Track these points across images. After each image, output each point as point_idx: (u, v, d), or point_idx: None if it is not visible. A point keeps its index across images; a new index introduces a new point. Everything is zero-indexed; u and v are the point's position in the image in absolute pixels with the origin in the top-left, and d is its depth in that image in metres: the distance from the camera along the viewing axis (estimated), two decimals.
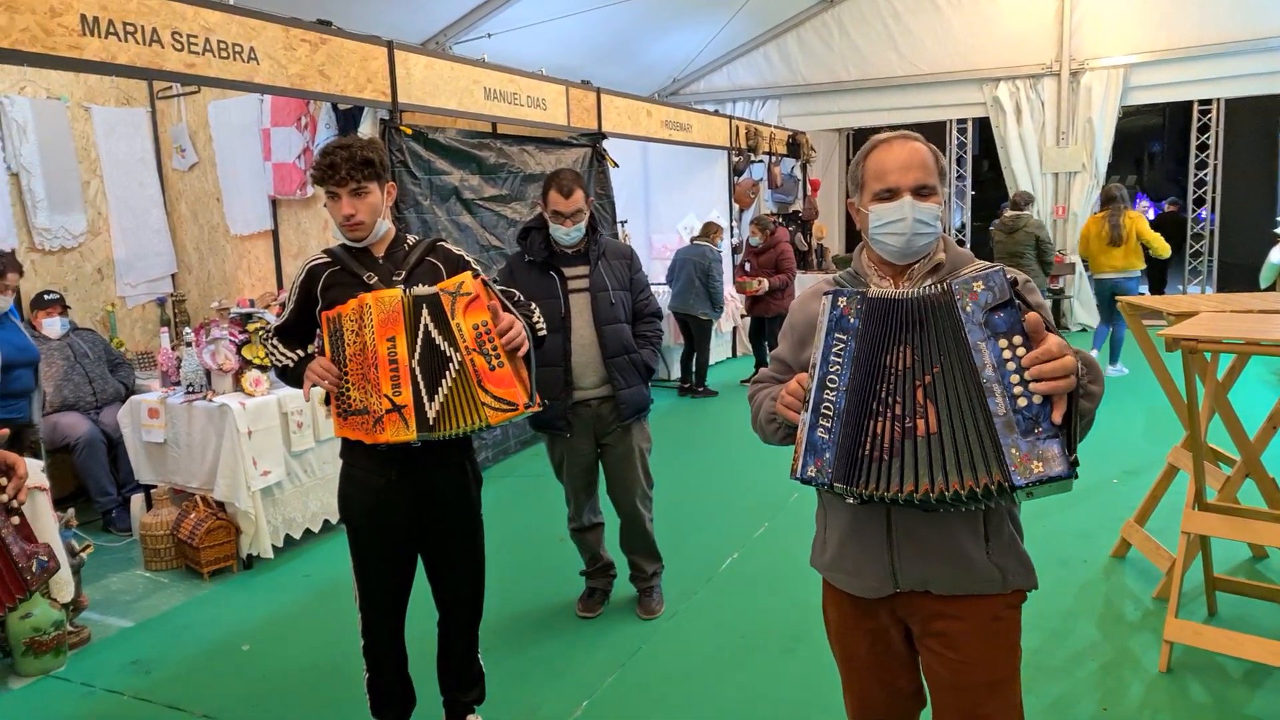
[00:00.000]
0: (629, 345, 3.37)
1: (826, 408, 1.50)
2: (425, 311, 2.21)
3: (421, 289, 2.24)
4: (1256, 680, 2.91)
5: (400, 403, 2.18)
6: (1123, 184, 8.33)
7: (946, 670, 1.66)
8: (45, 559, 1.53)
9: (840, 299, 1.52)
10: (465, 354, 2.19)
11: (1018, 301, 1.39)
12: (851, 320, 1.50)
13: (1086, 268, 8.29)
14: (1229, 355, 3.40)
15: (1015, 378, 1.37)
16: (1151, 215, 12.04)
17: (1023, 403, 1.37)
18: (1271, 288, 9.33)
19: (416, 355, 2.20)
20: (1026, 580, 1.67)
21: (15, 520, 1.50)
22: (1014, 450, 1.36)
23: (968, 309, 1.41)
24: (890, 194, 1.62)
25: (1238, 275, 10.11)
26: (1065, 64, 10.34)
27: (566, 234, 3.26)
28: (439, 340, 2.20)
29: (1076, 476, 1.36)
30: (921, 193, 1.61)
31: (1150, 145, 19.50)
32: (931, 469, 1.42)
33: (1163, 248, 7.50)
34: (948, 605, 1.64)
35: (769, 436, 1.77)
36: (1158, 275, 10.26)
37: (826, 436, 1.49)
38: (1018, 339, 1.38)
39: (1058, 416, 1.35)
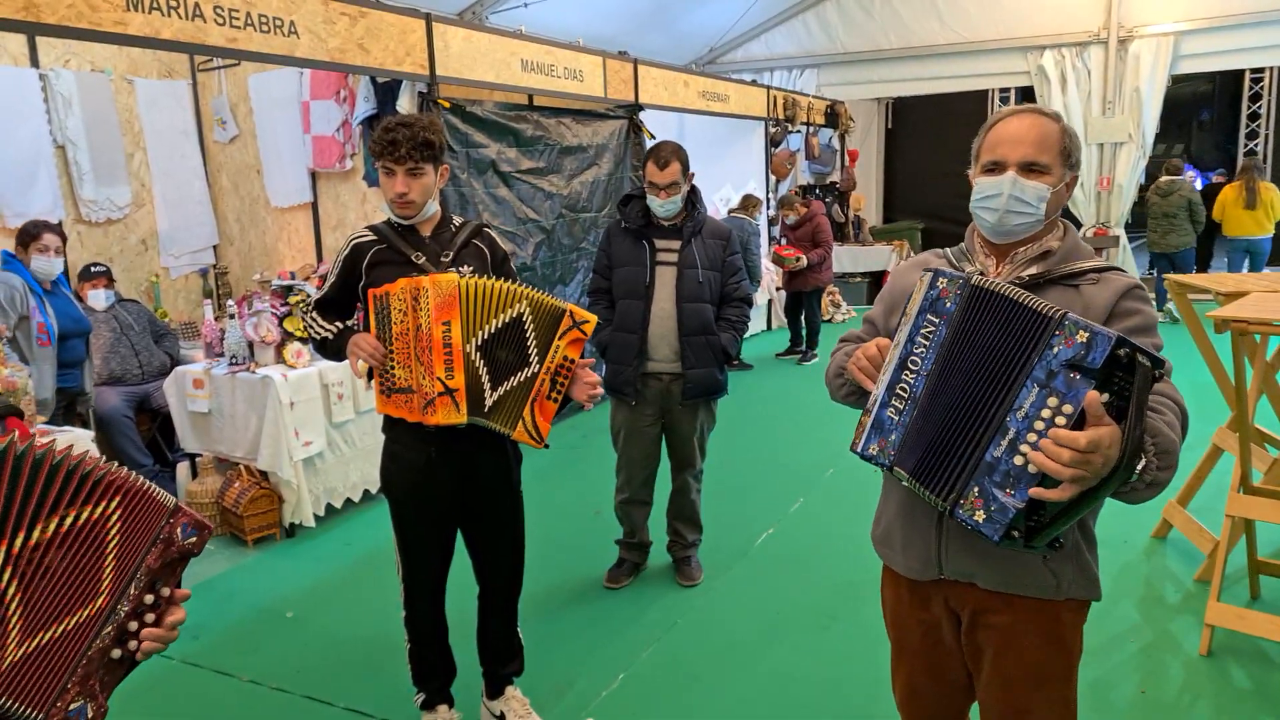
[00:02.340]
0: (708, 326, 3.37)
1: (902, 389, 1.45)
2: (538, 315, 2.28)
3: (555, 302, 2.31)
4: None
5: (453, 386, 2.23)
6: (1170, 154, 8.46)
7: (991, 663, 1.64)
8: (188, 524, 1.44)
9: (941, 279, 1.45)
10: (544, 372, 2.29)
11: (1098, 377, 1.27)
12: (948, 304, 1.43)
13: (1220, 230, 9.00)
14: (1279, 337, 3.32)
15: (1033, 437, 1.30)
16: (1200, 186, 11.69)
17: (1019, 461, 1.31)
18: None
19: (477, 341, 2.25)
20: (1086, 590, 1.59)
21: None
22: (976, 489, 1.34)
23: (1054, 349, 1.30)
24: (996, 167, 1.56)
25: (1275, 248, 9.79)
26: (1114, 31, 10.03)
27: (661, 205, 3.29)
28: (531, 345, 2.28)
29: (1001, 546, 1.33)
30: (1031, 169, 1.52)
31: (1199, 114, 18.92)
32: (914, 448, 1.42)
33: None
34: (997, 600, 1.60)
35: (835, 392, 1.75)
36: (1205, 250, 10.00)
37: (896, 418, 1.45)
38: (1068, 408, 1.28)
39: (1037, 492, 1.29)
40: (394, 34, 4.71)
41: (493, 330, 2.26)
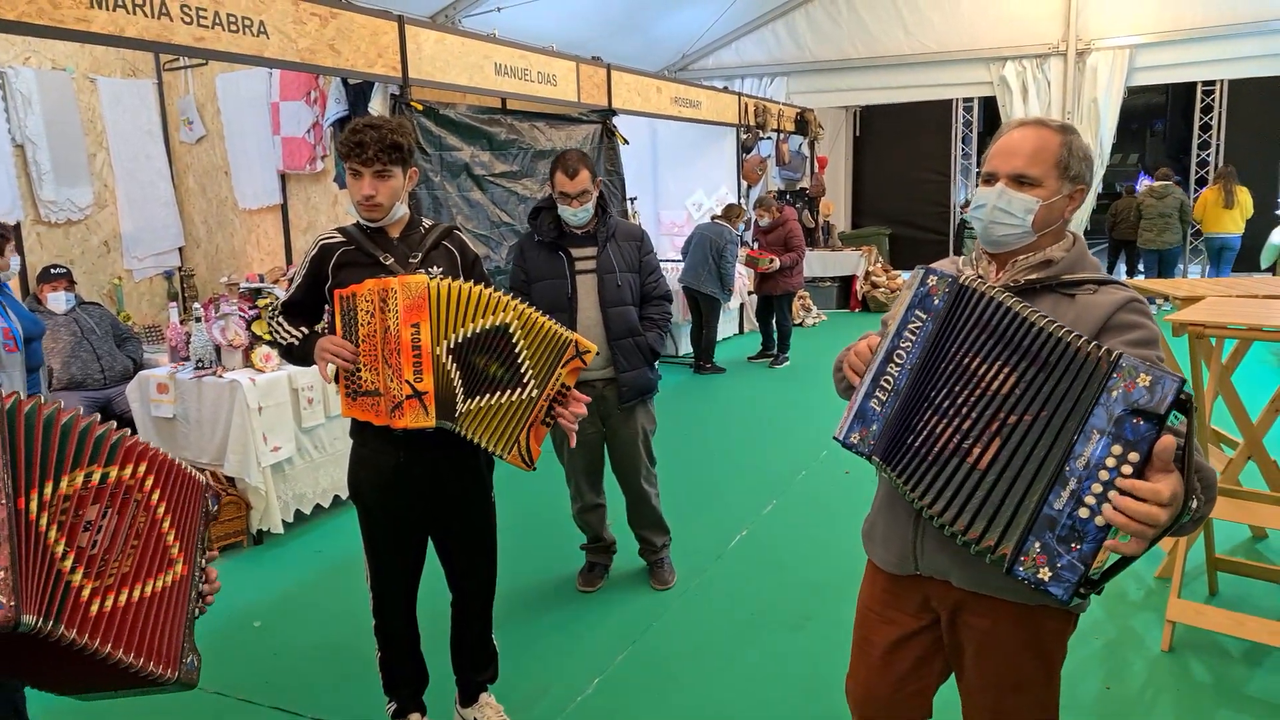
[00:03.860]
0: (634, 328, 3.39)
1: (887, 380, 1.46)
2: (533, 336, 2.25)
3: (557, 329, 2.29)
4: (1257, 659, 2.96)
5: (422, 389, 2.18)
6: (1125, 164, 8.99)
7: (973, 663, 1.66)
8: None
9: (931, 277, 1.46)
10: (544, 399, 2.27)
11: (1162, 422, 1.22)
12: (936, 302, 1.44)
13: (1199, 229, 10.14)
14: (1233, 339, 3.42)
15: (1098, 487, 1.24)
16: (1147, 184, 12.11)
17: (1084, 514, 1.25)
18: (1272, 269, 9.41)
19: (449, 344, 2.20)
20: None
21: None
22: (1036, 544, 1.27)
23: (1114, 393, 1.24)
24: (990, 177, 1.58)
25: (1240, 256, 10.16)
26: (1072, 44, 10.30)
27: (574, 214, 3.27)
28: (525, 365, 2.25)
29: (1070, 606, 1.28)
30: (1021, 182, 1.53)
31: (1153, 124, 19.40)
32: (955, 497, 1.37)
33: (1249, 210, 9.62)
34: (977, 601, 1.60)
35: (836, 384, 1.75)
36: (1165, 257, 10.39)
37: (878, 409, 1.46)
38: (1134, 456, 1.22)
39: (1113, 546, 1.23)
40: (365, 35, 4.69)
41: (468, 335, 2.21)
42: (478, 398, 2.25)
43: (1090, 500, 1.24)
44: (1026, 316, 1.36)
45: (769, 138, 10.35)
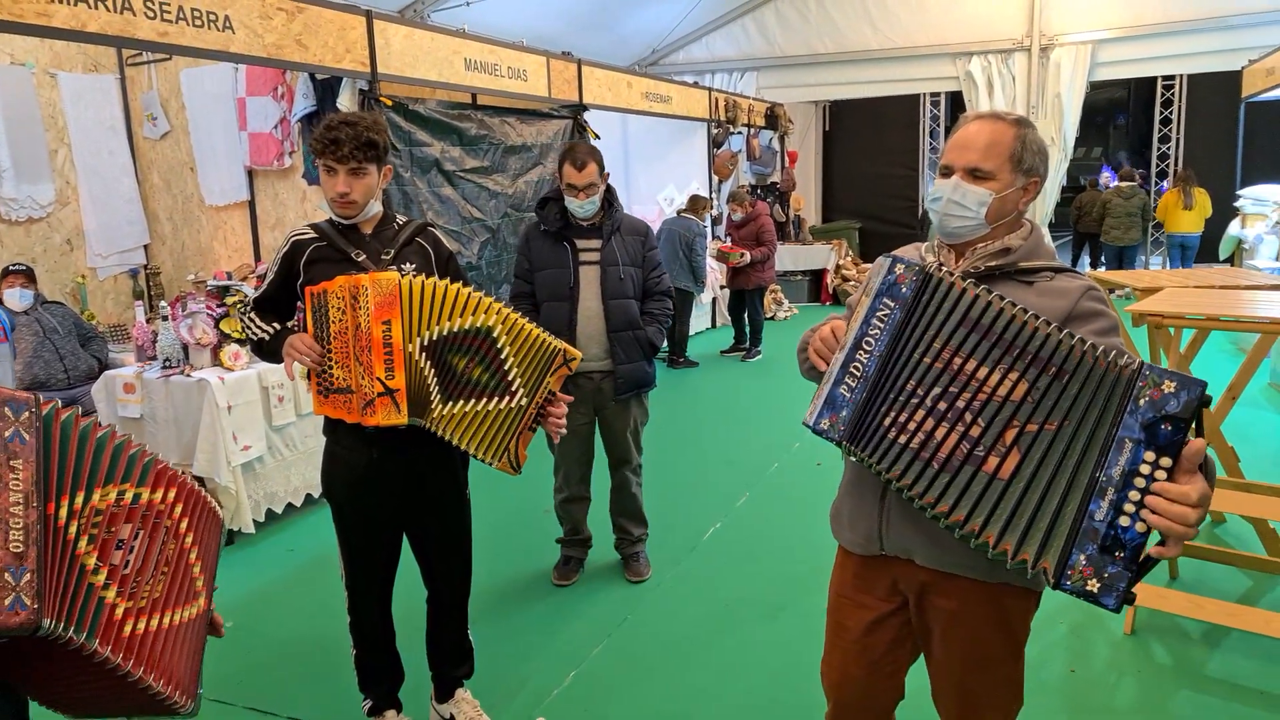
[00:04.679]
0: (634, 321, 3.41)
1: (856, 368, 1.47)
2: (520, 344, 2.25)
3: (545, 337, 2.29)
4: (1215, 640, 3.05)
5: (393, 386, 2.17)
6: (1090, 157, 9.19)
7: (940, 642, 1.70)
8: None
9: (899, 265, 1.48)
10: (533, 406, 2.28)
11: (1190, 425, 1.26)
12: (904, 290, 1.46)
13: (1161, 228, 10.59)
14: (1191, 329, 3.51)
15: (1135, 495, 1.27)
16: (1114, 184, 12.35)
17: (1125, 522, 1.27)
18: (1231, 259, 9.65)
19: (421, 342, 2.19)
20: (1017, 574, 1.56)
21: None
22: (1081, 557, 1.29)
23: (1142, 401, 1.27)
24: (946, 170, 1.60)
25: (1200, 250, 10.43)
26: (1035, 39, 10.46)
27: (580, 206, 3.31)
28: (512, 372, 2.25)
29: (1119, 611, 1.31)
30: (975, 175, 1.56)
31: (1116, 118, 19.76)
32: (976, 507, 1.36)
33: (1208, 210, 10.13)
34: (942, 580, 1.64)
35: (800, 366, 1.76)
36: (1126, 253, 10.67)
37: (848, 395, 1.47)
38: (1166, 461, 1.26)
39: (1158, 552, 1.26)
40: (333, 30, 4.64)
41: (443, 333, 2.20)
42: (461, 401, 2.24)
43: (1129, 508, 1.27)
44: (1026, 319, 1.37)
45: (740, 132, 10.40)
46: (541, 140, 6.46)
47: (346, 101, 4.92)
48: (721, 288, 9.10)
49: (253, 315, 2.42)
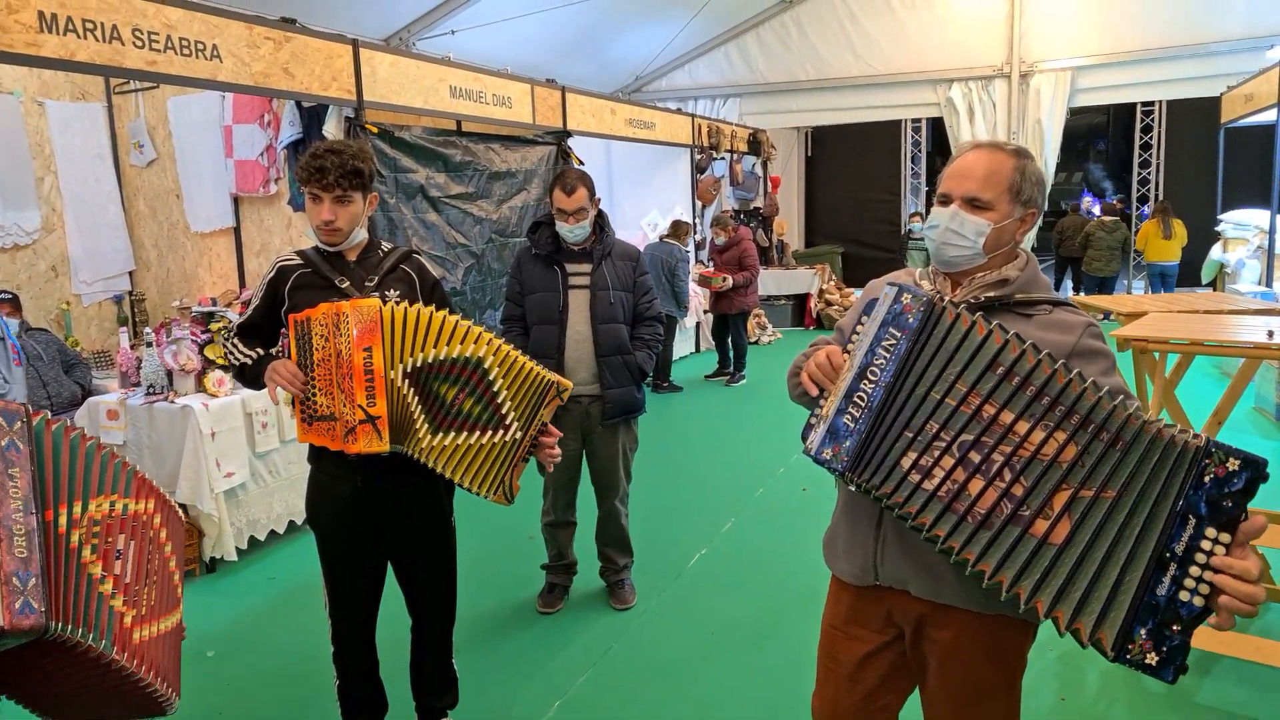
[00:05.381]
0: (623, 346, 3.42)
1: (860, 397, 1.45)
2: (513, 377, 2.23)
3: (538, 370, 2.28)
4: (1206, 668, 3.04)
5: (375, 413, 2.16)
6: (1069, 181, 9.35)
7: (935, 675, 1.68)
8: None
9: (905, 294, 1.46)
10: (525, 438, 2.27)
11: (1246, 501, 1.28)
12: (910, 320, 1.44)
13: (1140, 255, 11.16)
14: (1176, 354, 3.55)
15: (1196, 570, 1.28)
16: (1096, 210, 12.54)
17: (1185, 597, 1.28)
18: (1212, 284, 9.77)
19: (404, 369, 2.17)
20: (1012, 607, 1.48)
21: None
22: (1143, 630, 1.29)
23: (1206, 478, 1.27)
24: (944, 199, 1.60)
25: (1180, 275, 10.59)
26: (1015, 66, 10.63)
27: (570, 231, 3.32)
28: (505, 405, 2.23)
29: (1174, 682, 1.31)
30: (974, 205, 1.56)
31: (1096, 144, 20.05)
32: (1025, 571, 1.35)
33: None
34: (937, 612, 1.63)
35: (791, 391, 1.75)
36: (1106, 282, 10.88)
37: (851, 425, 1.45)
38: (1225, 537, 1.27)
39: (1218, 624, 1.28)
40: (320, 59, 4.67)
41: (428, 360, 2.18)
42: (452, 434, 2.21)
43: (1189, 583, 1.28)
44: (1070, 378, 1.35)
45: (723, 158, 10.49)
46: (526, 166, 6.50)
47: (333, 129, 4.94)
48: (705, 312, 9.13)
49: (236, 340, 2.41)
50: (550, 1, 8.19)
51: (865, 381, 1.45)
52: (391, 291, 2.35)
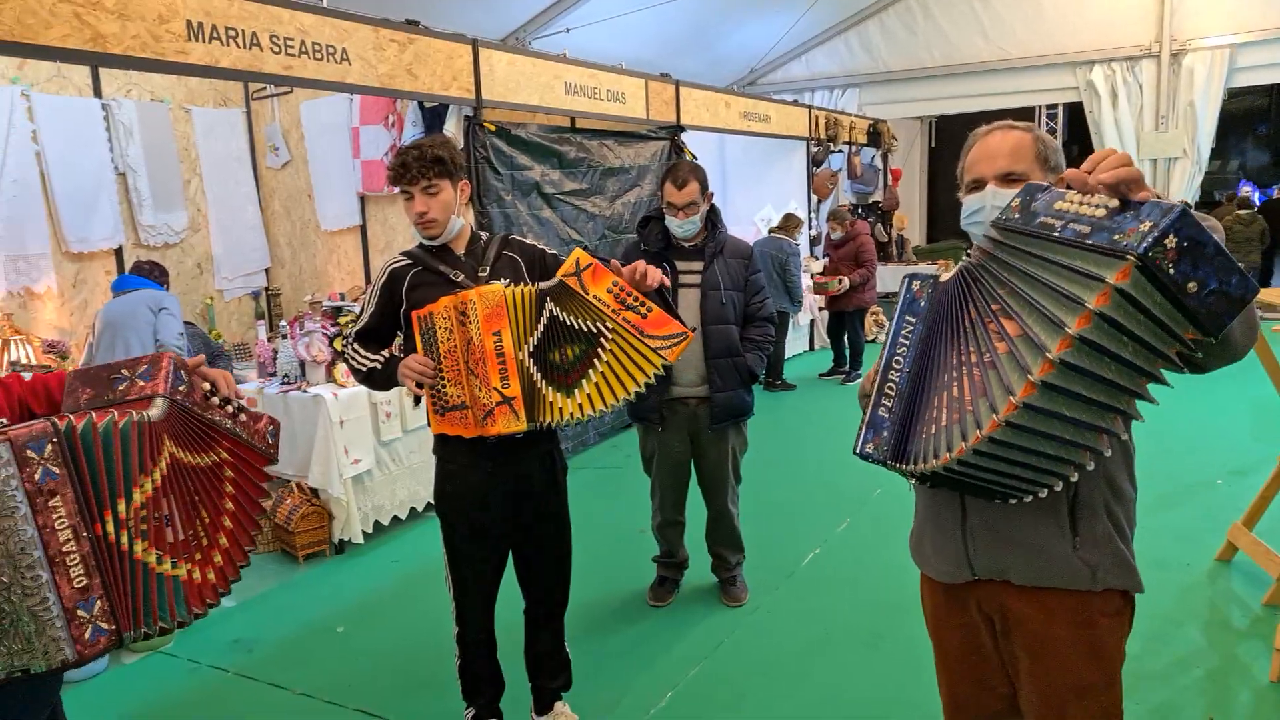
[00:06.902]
0: (734, 348, 3.32)
1: (890, 388, 1.48)
2: (551, 302, 2.25)
3: (542, 283, 2.29)
4: None
5: (510, 394, 2.24)
6: (1225, 170, 8.87)
7: (1029, 673, 1.60)
8: (273, 428, 1.70)
9: (915, 282, 1.50)
10: (616, 317, 2.23)
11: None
12: (921, 303, 1.48)
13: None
14: None
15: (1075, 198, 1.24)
16: (1258, 201, 11.72)
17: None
18: None
19: (529, 348, 2.25)
20: (1123, 580, 1.53)
21: (242, 416, 1.64)
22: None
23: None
24: (977, 184, 1.58)
25: None
26: (1165, 45, 9.86)
27: (680, 226, 3.27)
28: (579, 321, 2.24)
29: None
30: (1009, 179, 1.54)
31: (1255, 128, 18.49)
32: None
33: None
34: (1031, 600, 1.56)
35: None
36: (1266, 266, 10.07)
37: (886, 415, 1.48)
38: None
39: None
40: (441, 59, 4.81)
41: (540, 336, 2.26)
42: (581, 384, 2.26)
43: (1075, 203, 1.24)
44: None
45: (840, 151, 10.22)
46: (639, 162, 6.51)
47: (453, 128, 5.08)
48: (820, 309, 8.93)
49: (356, 346, 2.49)
50: None
51: (892, 371, 1.48)
52: (503, 279, 2.40)
